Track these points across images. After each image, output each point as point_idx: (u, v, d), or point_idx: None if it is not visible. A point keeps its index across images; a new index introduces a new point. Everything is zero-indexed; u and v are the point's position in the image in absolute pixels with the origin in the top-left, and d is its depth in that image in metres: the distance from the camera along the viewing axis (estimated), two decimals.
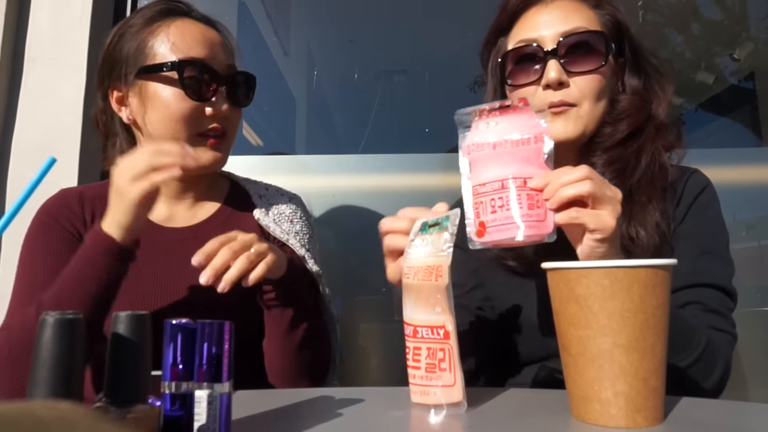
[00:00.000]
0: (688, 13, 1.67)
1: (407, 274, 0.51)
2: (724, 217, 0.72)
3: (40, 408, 0.17)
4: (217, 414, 0.34)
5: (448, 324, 0.48)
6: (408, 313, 0.50)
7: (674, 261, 0.43)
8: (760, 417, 0.47)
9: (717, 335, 0.62)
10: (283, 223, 0.82)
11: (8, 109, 1.18)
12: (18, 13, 1.21)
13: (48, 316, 0.29)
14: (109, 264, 0.62)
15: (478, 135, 0.56)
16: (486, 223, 0.54)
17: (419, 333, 0.49)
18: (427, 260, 0.50)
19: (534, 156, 0.54)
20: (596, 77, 0.69)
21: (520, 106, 0.56)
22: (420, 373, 0.49)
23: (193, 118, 0.73)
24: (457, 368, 0.47)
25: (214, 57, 0.75)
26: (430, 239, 0.51)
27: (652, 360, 0.41)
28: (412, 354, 0.50)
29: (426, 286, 0.48)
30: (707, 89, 1.60)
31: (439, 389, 0.47)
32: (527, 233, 0.52)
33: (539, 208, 0.53)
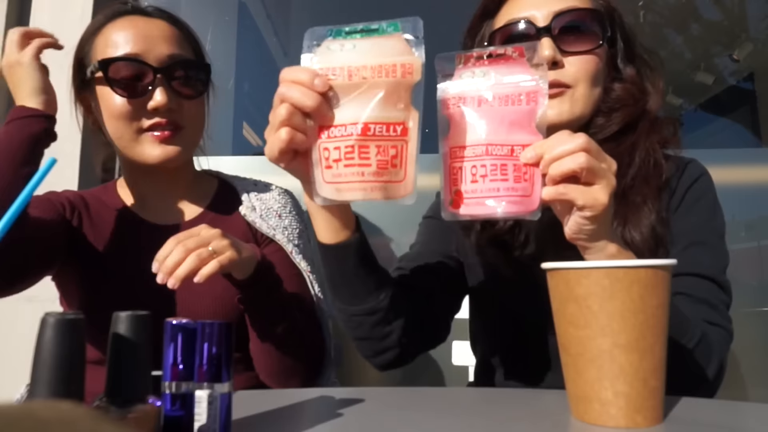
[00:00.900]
0: (688, 13, 1.67)
1: (336, 74, 0.45)
2: (724, 217, 0.71)
3: (41, 408, 0.17)
4: (218, 414, 0.34)
5: (409, 120, 0.46)
6: (352, 112, 0.46)
7: (674, 261, 0.43)
8: (760, 417, 0.47)
9: (711, 329, 0.59)
10: (270, 219, 0.81)
11: (8, 110, 1.18)
12: (18, 15, 1.21)
13: (48, 316, 0.29)
14: (33, 124, 0.69)
15: (460, 86, 0.49)
16: (464, 193, 0.48)
17: (371, 130, 0.45)
18: (382, 59, 0.45)
19: (525, 119, 0.48)
20: (592, 58, 0.65)
21: (514, 56, 0.49)
22: (370, 170, 0.45)
23: (131, 115, 0.72)
24: (410, 164, 0.46)
25: (149, 50, 0.73)
26: (368, 43, 0.46)
27: (651, 360, 0.41)
28: (358, 152, 0.45)
29: (384, 83, 0.45)
30: (707, 90, 1.60)
31: (390, 184, 0.46)
32: (510, 209, 0.47)
33: (526, 181, 0.47)
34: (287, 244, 0.79)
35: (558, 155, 0.46)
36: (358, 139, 0.45)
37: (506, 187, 0.47)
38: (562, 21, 0.65)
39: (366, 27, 0.46)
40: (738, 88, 1.64)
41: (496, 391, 0.55)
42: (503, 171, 0.47)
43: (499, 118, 0.48)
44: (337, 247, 0.56)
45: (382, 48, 0.46)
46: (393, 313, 0.61)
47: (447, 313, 0.75)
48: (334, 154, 0.46)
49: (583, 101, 0.66)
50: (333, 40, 0.47)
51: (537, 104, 0.48)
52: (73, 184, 1.14)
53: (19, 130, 0.69)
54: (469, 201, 0.48)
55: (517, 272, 0.70)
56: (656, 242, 0.64)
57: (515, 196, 0.47)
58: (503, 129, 0.48)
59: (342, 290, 0.60)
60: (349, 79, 0.45)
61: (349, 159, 0.46)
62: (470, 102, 0.49)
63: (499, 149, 0.47)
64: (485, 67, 0.49)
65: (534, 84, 0.48)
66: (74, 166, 1.15)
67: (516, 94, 0.48)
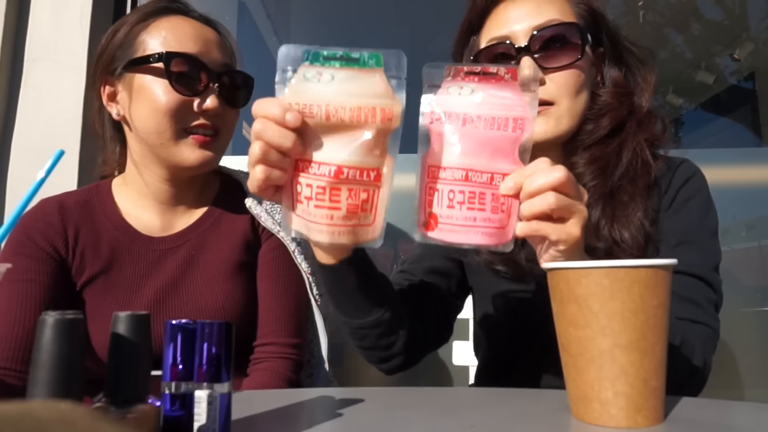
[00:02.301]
0: (689, 13, 1.67)
1: (314, 112, 0.44)
2: (724, 217, 0.71)
3: (40, 408, 0.17)
4: (217, 414, 0.34)
5: (384, 167, 0.45)
6: (328, 153, 0.44)
7: (674, 261, 0.43)
8: (760, 417, 0.47)
9: (692, 328, 0.58)
10: (275, 214, 0.80)
11: (8, 110, 1.18)
12: (18, 14, 1.21)
13: (47, 316, 0.29)
14: None
15: (447, 100, 0.48)
16: (439, 217, 0.47)
17: (344, 174, 0.44)
18: (362, 100, 0.43)
19: (509, 146, 0.47)
20: (573, 72, 0.65)
21: (506, 78, 0.47)
22: (340, 213, 0.45)
23: (180, 112, 0.71)
24: (380, 208, 0.46)
25: (207, 53, 0.74)
26: (346, 75, 0.44)
27: (652, 360, 0.41)
28: (329, 195, 0.44)
29: (362, 127, 0.44)
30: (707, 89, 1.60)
31: (358, 228, 0.46)
32: (484, 241, 0.46)
33: (503, 212, 0.47)
34: (290, 243, 0.79)
35: (531, 192, 0.46)
36: (330, 182, 0.45)
37: (483, 218, 0.46)
38: (540, 38, 0.65)
39: (346, 54, 0.44)
40: (739, 87, 1.64)
41: (496, 391, 0.55)
42: (481, 200, 0.46)
43: (482, 142, 0.47)
44: (337, 268, 0.56)
45: (362, 86, 0.44)
46: (396, 323, 0.62)
47: (449, 315, 0.76)
48: (306, 191, 0.45)
49: (567, 116, 0.66)
50: (310, 66, 0.44)
51: (523, 131, 0.47)
52: (72, 184, 1.14)
53: None
54: (444, 226, 0.47)
55: (516, 272, 0.70)
56: (646, 240, 0.64)
57: (491, 228, 0.47)
58: (486, 154, 0.47)
59: (344, 306, 0.61)
60: (327, 120, 0.44)
61: (319, 200, 0.45)
62: (455, 119, 0.47)
63: (479, 176, 0.46)
64: (474, 84, 0.47)
65: (522, 111, 0.47)
66: (73, 165, 1.15)
67: (503, 118, 0.46)
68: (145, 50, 0.73)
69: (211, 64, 0.73)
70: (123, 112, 0.75)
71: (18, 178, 1.15)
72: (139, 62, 0.72)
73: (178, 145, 0.72)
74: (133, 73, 0.73)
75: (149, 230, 0.77)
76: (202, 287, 0.74)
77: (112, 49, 0.75)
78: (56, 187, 0.83)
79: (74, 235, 0.74)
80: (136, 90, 0.72)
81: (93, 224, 0.75)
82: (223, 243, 0.77)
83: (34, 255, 0.71)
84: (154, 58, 0.71)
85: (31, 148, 1.16)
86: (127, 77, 0.73)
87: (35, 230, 0.73)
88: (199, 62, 0.72)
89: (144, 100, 0.72)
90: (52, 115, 1.16)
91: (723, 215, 0.72)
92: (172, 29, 0.73)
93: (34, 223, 0.73)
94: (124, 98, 0.74)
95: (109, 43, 0.76)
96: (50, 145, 1.14)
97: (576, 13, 0.68)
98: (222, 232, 0.78)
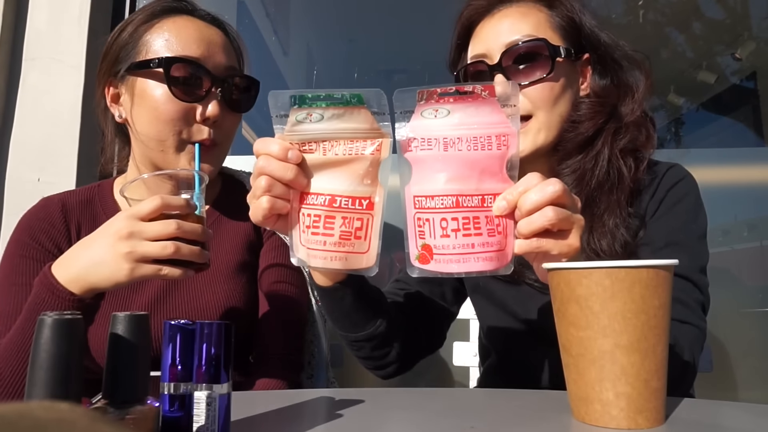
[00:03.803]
0: (690, 12, 1.66)
1: (312, 148, 0.47)
2: (725, 217, 0.71)
3: (39, 409, 0.17)
4: (216, 415, 0.34)
5: (375, 196, 0.47)
6: (323, 184, 0.48)
7: (675, 261, 0.43)
8: (761, 418, 0.47)
9: (681, 328, 0.59)
10: None
11: (7, 109, 1.18)
12: (16, 14, 1.21)
13: (45, 316, 0.29)
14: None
15: (422, 126, 0.47)
16: (434, 248, 0.46)
17: (337, 202, 0.47)
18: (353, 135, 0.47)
19: (497, 165, 0.45)
20: (546, 85, 0.67)
21: (483, 95, 0.45)
22: (333, 240, 0.47)
23: (181, 120, 0.69)
24: (374, 236, 0.47)
25: (210, 57, 0.72)
26: (332, 113, 0.47)
27: (653, 361, 0.41)
28: (323, 222, 0.47)
29: (354, 159, 0.47)
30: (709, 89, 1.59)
31: (351, 255, 0.48)
32: (485, 267, 0.45)
33: (499, 234, 0.45)
34: None
35: (529, 209, 0.45)
36: (325, 210, 0.48)
37: (480, 243, 0.45)
38: (511, 55, 0.68)
39: (329, 95, 0.47)
40: (740, 87, 1.64)
41: (496, 392, 0.54)
42: (476, 224, 0.45)
43: (468, 164, 0.45)
44: (333, 289, 0.59)
45: (350, 122, 0.47)
46: (391, 335, 0.65)
47: (443, 322, 0.78)
48: (306, 220, 0.49)
49: (545, 128, 0.67)
50: (298, 109, 0.48)
51: (508, 148, 0.46)
52: (71, 183, 1.14)
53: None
54: (440, 257, 0.46)
55: (513, 279, 0.71)
56: (624, 249, 0.64)
57: (490, 252, 0.46)
58: (474, 177, 0.45)
59: (341, 322, 0.64)
60: (324, 155, 0.48)
61: (315, 227, 0.48)
62: (435, 145, 0.46)
63: (470, 200, 0.45)
64: (450, 105, 0.46)
65: (505, 127, 0.45)
66: (72, 165, 1.15)
67: (486, 137, 0.45)
68: (147, 52, 0.71)
69: (214, 69, 0.71)
70: (126, 115, 0.74)
71: (16, 177, 1.15)
72: (141, 66, 0.70)
73: (179, 155, 0.71)
74: (136, 77, 0.71)
75: None
76: (203, 286, 0.74)
77: (116, 50, 0.73)
78: (55, 187, 0.83)
79: (77, 233, 0.73)
80: (138, 95, 0.71)
81: (95, 223, 0.75)
82: (225, 243, 0.77)
83: (37, 257, 0.70)
84: (154, 63, 0.69)
85: (30, 148, 1.16)
86: (129, 80, 0.72)
87: (39, 230, 0.72)
88: (201, 67, 0.70)
89: (145, 106, 0.70)
90: (50, 114, 1.16)
91: (724, 215, 0.72)
92: (176, 31, 0.71)
93: (37, 223, 0.73)
94: (127, 101, 0.73)
95: (114, 42, 0.74)
96: (48, 144, 1.14)
97: (554, 25, 0.70)
98: (223, 231, 0.78)
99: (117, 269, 0.53)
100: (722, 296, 0.69)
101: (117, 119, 0.75)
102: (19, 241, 0.72)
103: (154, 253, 0.53)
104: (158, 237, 0.53)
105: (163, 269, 0.54)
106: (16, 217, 0.77)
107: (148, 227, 0.53)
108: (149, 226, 0.53)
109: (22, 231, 0.73)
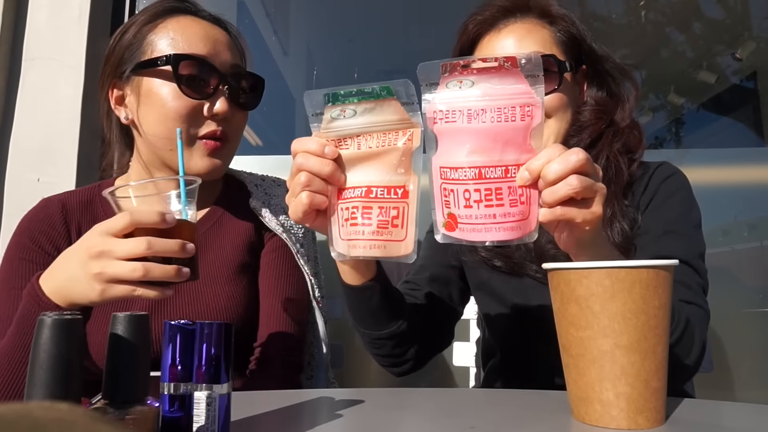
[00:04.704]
0: (690, 12, 1.66)
1: (347, 144, 0.49)
2: (725, 217, 0.72)
3: (38, 409, 0.17)
4: (216, 415, 0.34)
5: (410, 184, 0.48)
6: (360, 177, 0.49)
7: (676, 261, 0.43)
8: (761, 419, 0.47)
9: (689, 309, 0.61)
10: (279, 215, 0.80)
11: (6, 109, 1.18)
12: (16, 13, 1.21)
13: (45, 316, 0.29)
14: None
15: (447, 99, 0.47)
16: (458, 217, 0.47)
17: (373, 193, 0.49)
18: (385, 127, 0.48)
19: (520, 136, 0.45)
20: (555, 96, 0.70)
21: (506, 66, 0.45)
22: (371, 229, 0.48)
23: (190, 117, 0.69)
24: (410, 224, 0.48)
25: (216, 55, 0.72)
26: (364, 108, 0.48)
27: (653, 361, 0.41)
28: (361, 213, 0.49)
29: (388, 150, 0.48)
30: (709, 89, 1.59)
31: (389, 243, 0.48)
32: (507, 236, 0.46)
33: (522, 204, 0.46)
34: (293, 245, 0.78)
35: (552, 180, 0.45)
36: (362, 201, 0.49)
37: (502, 213, 0.46)
38: None
39: (360, 90, 0.48)
40: (740, 87, 1.63)
41: (496, 392, 0.54)
42: (498, 196, 0.45)
43: (492, 136, 0.45)
44: (362, 288, 0.61)
45: (382, 115, 0.49)
46: (411, 334, 0.67)
47: (451, 320, 0.81)
48: (344, 213, 0.50)
49: (554, 135, 0.72)
50: (332, 106, 0.50)
51: (533, 119, 0.45)
52: (71, 183, 1.14)
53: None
54: (464, 226, 0.47)
55: (510, 266, 0.74)
56: (623, 238, 0.67)
57: (512, 222, 0.46)
58: (497, 148, 0.46)
59: (366, 321, 0.66)
60: (358, 149, 0.49)
61: (353, 218, 0.50)
62: (459, 117, 0.46)
63: (493, 171, 0.46)
64: (474, 77, 0.46)
65: (529, 97, 0.45)
66: (72, 165, 1.14)
67: (510, 108, 0.45)
68: (153, 52, 0.71)
69: (220, 66, 0.71)
70: (131, 116, 0.73)
71: (16, 177, 1.15)
72: (147, 65, 0.70)
73: (188, 152, 0.71)
74: (142, 77, 0.71)
75: None
76: (204, 288, 0.73)
77: (120, 51, 0.73)
78: (55, 188, 0.83)
79: (77, 235, 0.73)
80: (145, 94, 0.71)
81: (95, 224, 0.75)
82: (226, 243, 0.77)
83: (37, 260, 0.70)
84: (162, 61, 0.69)
85: (30, 148, 1.16)
86: (135, 80, 0.71)
87: (39, 232, 0.72)
88: (208, 64, 0.70)
89: (153, 105, 0.70)
90: (50, 114, 1.16)
91: (724, 215, 0.72)
92: (181, 30, 0.71)
93: (37, 225, 0.72)
94: (133, 102, 0.72)
95: (117, 44, 0.74)
96: (48, 144, 1.14)
97: (557, 40, 0.73)
98: (224, 232, 0.78)
99: (90, 288, 0.51)
100: (722, 296, 0.69)
101: (123, 121, 0.75)
102: (18, 243, 0.72)
103: (123, 275, 0.49)
104: (129, 256, 0.50)
105: (136, 290, 0.50)
106: (16, 218, 0.77)
107: (119, 246, 0.50)
108: (120, 244, 0.50)
109: (22, 233, 0.73)
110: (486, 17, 0.75)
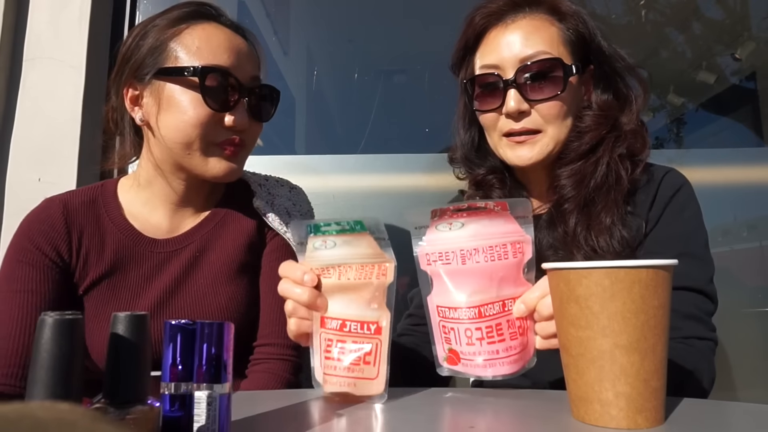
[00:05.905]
0: (690, 12, 1.66)
1: (330, 274, 0.50)
2: (725, 217, 0.72)
3: (39, 409, 0.17)
4: (217, 415, 0.34)
5: (383, 320, 0.48)
6: (336, 308, 0.50)
7: (675, 261, 0.43)
8: (761, 419, 0.47)
9: (699, 345, 0.62)
10: (282, 215, 0.80)
11: (7, 109, 1.18)
12: (17, 14, 1.21)
13: (47, 316, 0.29)
14: None
15: (439, 239, 0.49)
16: (461, 354, 0.49)
17: (347, 327, 0.49)
18: (362, 260, 0.49)
19: (514, 271, 0.48)
20: (557, 102, 0.70)
21: (495, 210, 0.48)
22: (342, 365, 0.49)
23: (210, 126, 0.70)
24: (382, 362, 0.48)
25: (239, 66, 0.72)
26: (343, 240, 0.50)
27: (653, 361, 0.41)
28: (335, 346, 0.50)
29: (364, 284, 0.49)
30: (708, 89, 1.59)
31: (360, 381, 0.48)
32: (511, 370, 0.48)
33: (521, 335, 0.48)
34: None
35: (547, 315, 0.47)
36: (336, 334, 0.50)
37: (505, 348, 0.47)
38: (525, 71, 0.70)
39: (337, 222, 0.51)
40: (740, 87, 1.63)
41: (496, 392, 0.55)
42: (499, 331, 0.47)
43: (488, 275, 0.47)
44: None
45: (359, 248, 0.50)
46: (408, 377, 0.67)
47: None
48: (323, 343, 0.51)
49: (553, 142, 0.71)
50: (315, 236, 0.52)
51: (524, 255, 0.48)
52: (71, 184, 1.14)
53: None
54: (467, 362, 0.49)
55: None
56: (622, 246, 0.67)
57: (514, 355, 0.48)
58: (493, 286, 0.48)
59: None
60: (338, 279, 0.51)
61: (328, 351, 0.50)
62: (453, 258, 0.48)
63: (491, 308, 0.48)
64: (464, 219, 0.48)
65: (519, 235, 0.48)
66: (72, 165, 1.15)
67: (500, 246, 0.47)
68: (177, 59, 0.71)
69: (242, 78, 0.72)
70: (147, 117, 0.73)
71: (17, 177, 1.15)
72: (171, 72, 0.71)
73: (206, 157, 0.72)
74: (163, 82, 0.71)
75: (155, 232, 0.76)
76: (206, 288, 0.74)
77: (141, 54, 0.72)
78: (56, 187, 0.83)
79: (78, 238, 0.73)
80: (166, 100, 0.71)
81: (97, 226, 0.75)
82: (228, 243, 0.77)
83: (36, 263, 0.70)
84: (189, 72, 0.70)
85: (30, 148, 1.16)
86: (155, 84, 0.72)
87: (39, 233, 0.72)
88: (232, 77, 0.71)
89: (174, 111, 0.70)
90: (50, 114, 1.16)
91: (724, 215, 0.73)
92: (207, 39, 0.71)
93: (37, 226, 0.72)
94: (150, 105, 0.72)
95: (137, 46, 0.73)
96: (49, 144, 1.14)
97: (565, 39, 0.72)
98: (227, 232, 0.78)
99: None
100: (722, 296, 0.69)
101: (138, 122, 0.75)
102: (18, 244, 0.72)
103: None
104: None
105: None
106: (17, 218, 0.77)
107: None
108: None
109: (23, 234, 0.73)
110: (494, 10, 0.73)
